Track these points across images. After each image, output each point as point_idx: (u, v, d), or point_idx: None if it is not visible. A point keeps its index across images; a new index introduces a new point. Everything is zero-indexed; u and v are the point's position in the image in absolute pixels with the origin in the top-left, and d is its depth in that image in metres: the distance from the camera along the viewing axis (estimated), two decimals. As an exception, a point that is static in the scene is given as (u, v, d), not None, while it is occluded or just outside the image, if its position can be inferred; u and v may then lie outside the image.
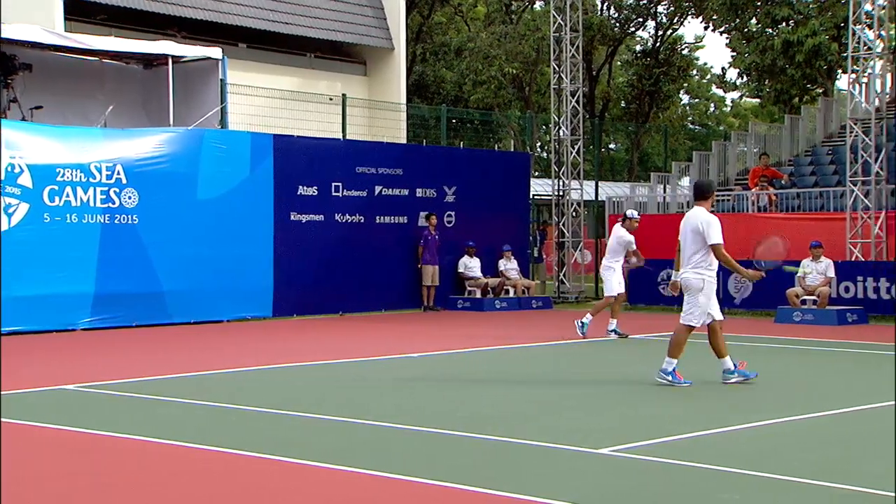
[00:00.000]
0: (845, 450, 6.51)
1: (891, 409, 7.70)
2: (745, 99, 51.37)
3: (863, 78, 18.52)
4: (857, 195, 17.96)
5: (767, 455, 6.29)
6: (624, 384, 9.74)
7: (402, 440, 6.87)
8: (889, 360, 11.42)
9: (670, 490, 5.44)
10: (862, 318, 16.40)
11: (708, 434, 6.92)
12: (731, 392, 9.10)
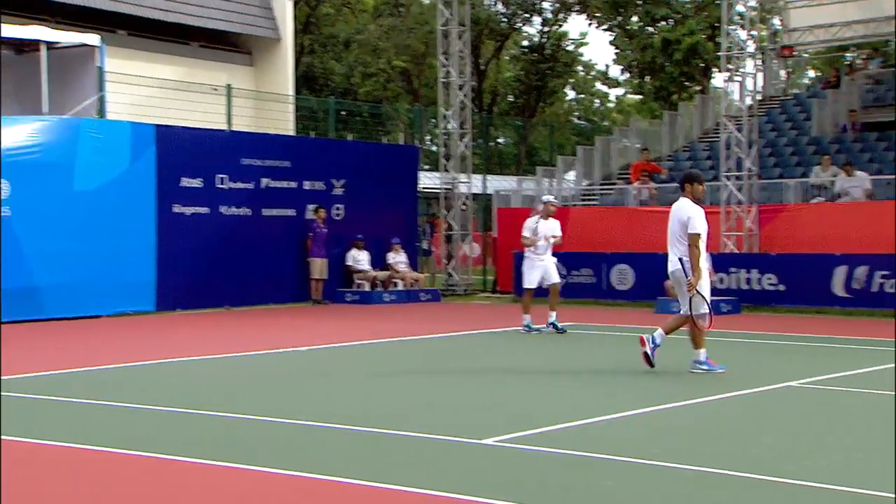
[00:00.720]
0: (717, 435, 6.76)
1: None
2: (628, 95, 52.70)
3: (736, 76, 19.26)
4: (731, 189, 18.67)
5: (644, 442, 6.50)
6: (511, 375, 9.89)
7: (285, 434, 6.81)
8: (756, 348, 11.96)
9: (550, 479, 5.55)
10: (735, 308, 17.06)
11: (589, 423, 7.09)
12: (612, 382, 9.35)
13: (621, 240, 20.00)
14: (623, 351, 12.01)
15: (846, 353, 11.53)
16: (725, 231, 18.76)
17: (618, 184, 23.20)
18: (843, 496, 5.09)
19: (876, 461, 5.83)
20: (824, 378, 9.16)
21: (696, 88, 32.86)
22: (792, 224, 18.53)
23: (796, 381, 8.91)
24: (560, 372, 10.08)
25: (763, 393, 8.37)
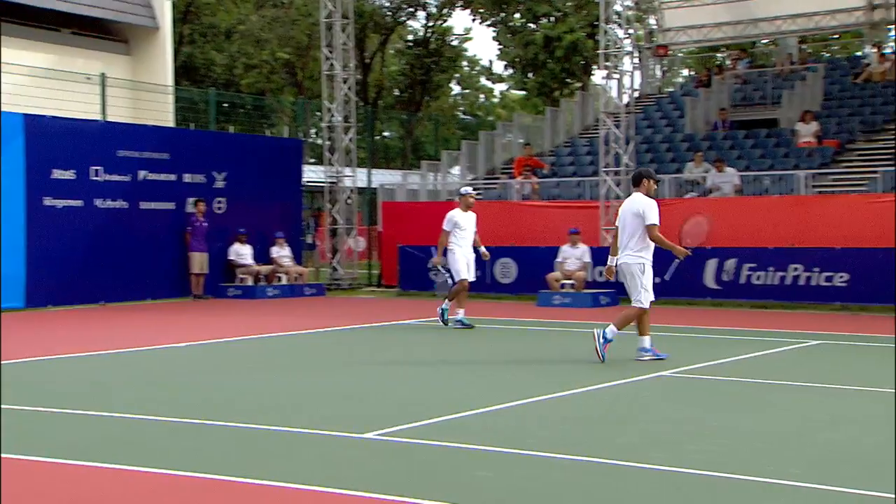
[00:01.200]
0: (591, 424, 6.95)
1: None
2: (511, 91, 53.42)
3: (614, 74, 19.78)
4: (610, 184, 19.17)
5: (522, 432, 6.63)
6: (396, 368, 9.91)
7: (157, 432, 6.66)
8: (631, 339, 12.33)
9: (430, 470, 5.61)
10: (614, 301, 17.53)
11: (469, 415, 7.18)
12: (495, 374, 9.49)
13: (504, 234, 20.27)
14: (506, 343, 12.22)
15: (716, 342, 12.02)
16: (604, 225, 19.24)
17: (501, 178, 23.51)
18: (712, 481, 5.30)
19: (743, 447, 6.11)
20: (695, 367, 9.52)
21: (577, 85, 33.57)
22: (667, 218, 18.95)
23: (668, 370, 9.23)
24: (445, 365, 10.17)
25: (636, 383, 8.64)
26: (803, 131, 20.70)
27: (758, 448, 6.04)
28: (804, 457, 5.84)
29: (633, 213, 9.58)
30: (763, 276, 16.89)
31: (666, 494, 5.07)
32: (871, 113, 21.78)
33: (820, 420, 7.01)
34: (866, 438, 6.35)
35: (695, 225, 10.33)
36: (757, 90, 24.84)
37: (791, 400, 7.92)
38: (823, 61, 27.06)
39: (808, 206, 17.76)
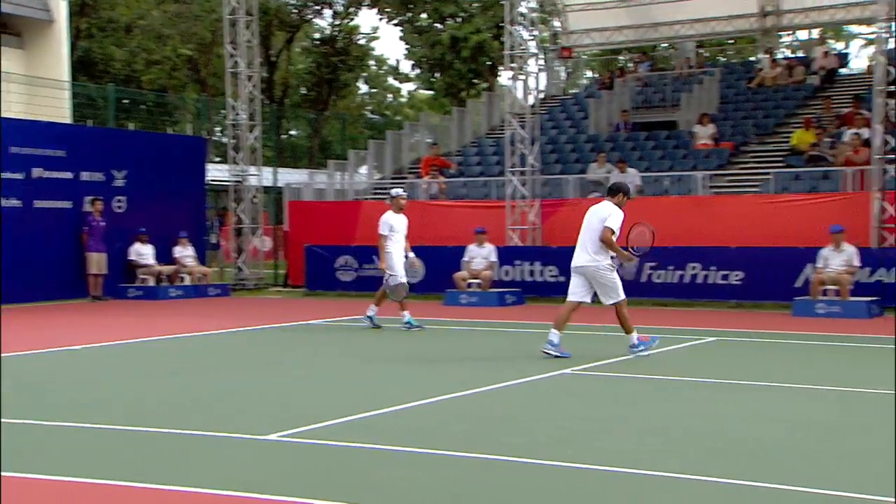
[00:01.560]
0: (497, 422, 7.01)
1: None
2: (419, 91, 53.52)
3: (520, 75, 20.01)
4: (515, 184, 19.39)
5: (428, 432, 6.65)
6: (302, 369, 9.83)
7: (59, 437, 6.45)
8: (539, 338, 12.51)
9: (332, 471, 5.58)
10: (520, 300, 17.76)
11: (374, 414, 7.16)
12: (398, 372, 9.50)
13: (411, 233, 20.24)
14: (413, 343, 12.23)
15: (618, 340, 12.23)
16: (510, 225, 19.46)
17: (408, 178, 23.53)
18: (613, 476, 5.40)
19: (642, 442, 6.25)
20: (597, 364, 9.70)
21: (483, 85, 33.83)
22: (571, 218, 19.37)
23: (570, 368, 9.38)
24: (351, 365, 10.13)
25: (539, 381, 8.76)
26: (701, 133, 21.31)
27: (656, 443, 6.20)
28: (702, 451, 6.01)
29: (599, 217, 10.10)
30: (663, 275, 17.31)
31: (567, 490, 5.15)
32: (764, 116, 22.56)
33: (716, 415, 7.23)
34: (759, 432, 6.57)
35: (639, 235, 10.69)
36: (657, 93, 25.46)
37: (688, 395, 8.15)
38: (720, 65, 27.90)
39: (705, 206, 18.29)
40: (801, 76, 23.97)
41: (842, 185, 17.50)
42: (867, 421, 6.98)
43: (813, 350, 11.20)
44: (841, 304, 14.56)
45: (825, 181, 17.95)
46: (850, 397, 7.97)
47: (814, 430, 6.65)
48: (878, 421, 6.90)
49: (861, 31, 36.91)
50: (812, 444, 6.21)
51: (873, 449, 5.99)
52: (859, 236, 15.86)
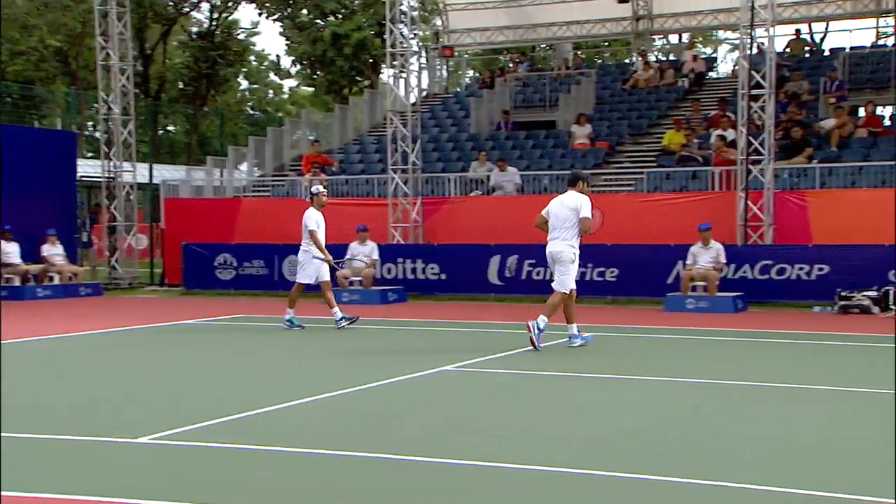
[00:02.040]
0: (378, 420, 7.03)
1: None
2: (301, 87, 52.98)
3: (402, 73, 20.06)
4: (398, 182, 19.43)
5: (306, 431, 6.61)
6: (176, 370, 9.59)
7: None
8: (419, 335, 12.58)
9: (206, 474, 5.48)
10: (402, 297, 17.80)
11: (251, 415, 7.06)
12: (277, 372, 9.39)
13: (292, 231, 20.06)
14: (293, 342, 12.11)
15: (498, 337, 12.44)
16: (392, 223, 19.49)
17: (289, 175, 23.27)
18: (489, 472, 5.49)
19: (520, 437, 6.37)
20: (477, 361, 9.82)
21: (366, 83, 33.75)
22: (452, 216, 19.65)
23: (451, 365, 9.47)
24: (229, 365, 9.95)
25: (420, 378, 8.82)
26: (578, 133, 21.82)
27: (533, 438, 6.33)
28: (576, 444, 6.16)
29: (570, 208, 10.63)
30: (543, 272, 17.63)
31: (441, 487, 5.21)
32: (638, 117, 23.27)
33: (592, 408, 7.43)
34: (633, 424, 6.79)
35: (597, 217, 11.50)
36: (536, 93, 25.93)
37: (565, 390, 8.34)
38: (596, 67, 28.61)
39: (582, 204, 18.71)
40: (671, 79, 24.83)
41: (710, 184, 18.21)
42: (743, 411, 7.29)
43: (682, 344, 11.62)
44: (709, 299, 15.16)
45: (694, 181, 18.64)
46: (721, 389, 8.32)
47: (680, 421, 6.90)
48: (751, 410, 7.24)
49: (728, 37, 38.48)
50: (679, 435, 6.45)
51: (747, 438, 6.28)
52: (726, 234, 16.56)
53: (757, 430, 6.46)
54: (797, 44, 26.19)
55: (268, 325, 13.37)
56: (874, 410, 7.18)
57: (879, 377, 8.75)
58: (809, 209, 16.61)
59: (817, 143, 18.88)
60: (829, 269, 15.48)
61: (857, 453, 5.78)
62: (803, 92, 21.38)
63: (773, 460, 5.62)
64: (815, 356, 10.60)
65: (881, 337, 11.66)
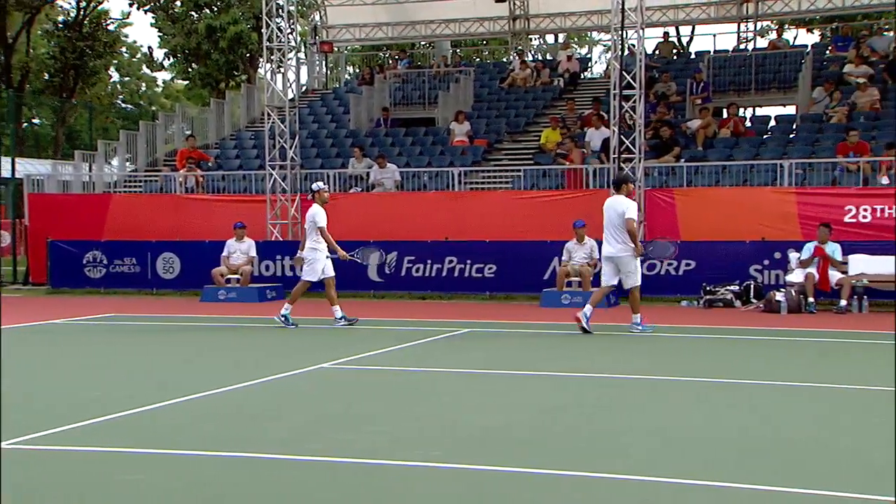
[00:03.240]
0: (252, 419, 6.92)
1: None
2: (176, 81, 51.60)
3: (279, 68, 19.80)
4: (276, 178, 19.18)
5: (179, 431, 6.45)
6: (42, 371, 9.20)
7: None
8: (296, 333, 12.46)
9: (69, 478, 5.28)
10: (280, 294, 17.56)
11: (122, 416, 6.84)
12: (150, 372, 9.13)
13: (167, 228, 19.59)
14: (167, 341, 11.81)
15: (376, 334, 12.44)
16: (271, 220, 19.23)
17: (163, 170, 22.67)
18: (364, 469, 5.49)
19: (396, 434, 6.38)
20: (354, 358, 9.79)
21: (243, 77, 33.15)
22: (331, 213, 19.40)
23: (328, 363, 9.42)
24: (99, 366, 9.61)
25: (296, 376, 8.73)
26: (457, 130, 22.01)
27: (411, 434, 6.36)
28: (450, 439, 6.22)
29: (616, 212, 11.61)
30: (422, 269, 17.75)
31: (318, 485, 5.18)
32: (516, 115, 23.65)
33: (470, 403, 7.51)
34: (510, 419, 6.90)
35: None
36: (416, 90, 26.01)
37: (443, 386, 8.41)
38: (474, 65, 28.92)
39: (461, 201, 18.92)
40: (547, 78, 25.32)
41: (584, 182, 18.66)
42: (619, 403, 7.51)
43: (558, 339, 11.88)
44: (584, 294, 15.49)
45: (569, 178, 19.06)
46: (598, 382, 8.54)
47: (559, 414, 7.06)
48: (627, 402, 7.47)
49: (601, 38, 39.53)
50: (557, 428, 6.60)
51: (622, 429, 6.47)
52: (600, 231, 16.97)
53: (633, 421, 6.67)
54: (665, 46, 27.12)
55: (140, 325, 12.98)
56: (742, 399, 7.52)
57: (740, 369, 9.18)
58: (677, 206, 17.23)
59: (685, 142, 19.61)
60: (696, 265, 16.10)
61: (731, 442, 6.03)
62: (671, 93, 22.17)
63: (650, 450, 5.82)
64: (681, 349, 11.01)
65: (742, 329, 12.21)
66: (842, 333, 11.80)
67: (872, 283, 14.52)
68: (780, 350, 10.58)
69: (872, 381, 8.16)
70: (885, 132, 18.30)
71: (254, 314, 14.64)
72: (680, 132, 19.94)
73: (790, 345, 10.95)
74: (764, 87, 22.85)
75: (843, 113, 19.50)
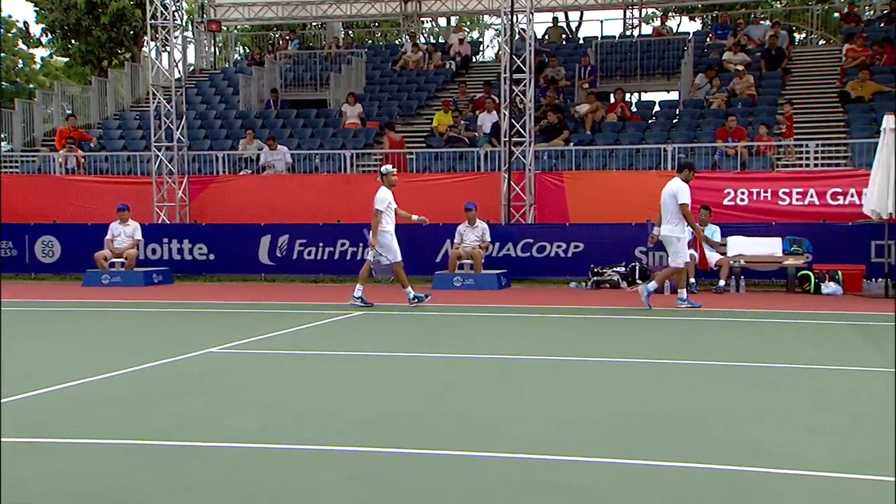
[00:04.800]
0: (137, 405, 6.76)
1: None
2: (55, 57, 49.55)
3: (165, 47, 19.28)
4: (162, 160, 18.71)
5: (62, 418, 6.26)
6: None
7: None
8: (184, 317, 12.22)
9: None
10: (168, 279, 17.21)
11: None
12: (30, 358, 8.81)
13: (46, 210, 18.91)
14: (49, 326, 11.41)
15: (267, 317, 12.32)
16: (157, 202, 18.78)
17: (42, 150, 21.84)
18: (255, 453, 5.44)
19: (286, 418, 6.34)
20: (245, 342, 9.68)
21: (127, 55, 32.10)
22: (221, 195, 19.19)
23: (217, 347, 9.28)
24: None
25: (184, 360, 8.58)
26: (349, 113, 21.89)
27: (302, 418, 6.33)
28: (339, 422, 6.21)
29: (671, 195, 12.12)
30: (314, 252, 17.62)
31: (207, 471, 5.11)
32: (408, 98, 23.65)
33: (361, 386, 7.51)
34: (399, 401, 6.95)
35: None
36: (307, 71, 25.74)
37: (334, 369, 8.38)
38: (366, 47, 28.77)
39: (354, 184, 18.86)
40: (439, 61, 25.40)
41: (476, 165, 18.84)
42: (506, 384, 7.63)
43: (446, 321, 11.99)
44: (475, 276, 15.72)
45: (461, 161, 19.23)
46: (485, 363, 8.66)
47: (444, 395, 7.14)
48: (514, 383, 7.60)
49: (493, 22, 39.83)
50: (438, 408, 6.68)
51: (508, 410, 6.58)
52: (491, 213, 17.22)
53: (517, 402, 6.80)
54: (555, 31, 27.56)
55: (18, 311, 12.49)
56: (628, 377, 7.75)
57: (627, 348, 9.46)
58: (566, 190, 17.59)
59: (573, 126, 19.99)
60: (584, 247, 16.47)
61: (615, 419, 6.22)
62: (560, 77, 22.55)
63: (531, 430, 5.95)
64: (571, 329, 11.27)
65: (626, 310, 12.57)
66: (719, 312, 12.28)
67: (749, 264, 15.15)
68: (658, 329, 10.93)
69: (747, 358, 8.53)
70: (760, 118, 19.05)
71: (140, 298, 14.29)
72: (569, 116, 20.32)
73: (670, 324, 11.33)
74: (649, 73, 23.49)
75: (722, 99, 20.20)
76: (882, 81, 19.71)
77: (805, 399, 6.79)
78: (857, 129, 18.06)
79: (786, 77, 21.93)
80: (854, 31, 22.77)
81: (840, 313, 11.96)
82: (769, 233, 15.37)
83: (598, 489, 4.63)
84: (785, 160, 18.04)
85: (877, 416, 6.12)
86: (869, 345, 9.39)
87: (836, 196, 16.27)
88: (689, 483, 4.74)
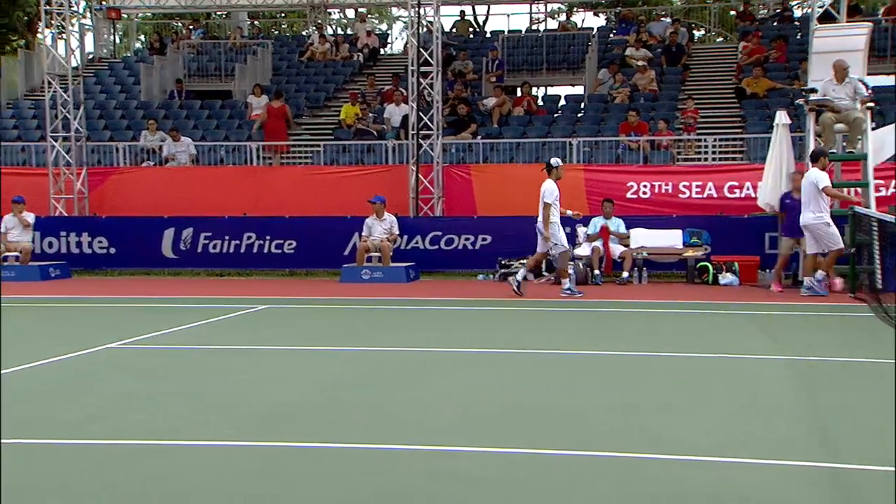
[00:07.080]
0: (34, 403, 6.55)
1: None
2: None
3: (61, 34, 18.69)
4: (59, 151, 18.14)
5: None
6: None
7: None
8: (84, 312, 11.89)
9: None
10: (65, 273, 16.70)
11: None
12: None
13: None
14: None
15: (170, 311, 12.06)
16: (54, 194, 18.22)
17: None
18: (154, 450, 5.33)
19: (185, 412, 6.23)
20: (145, 337, 9.46)
21: (21, 42, 30.99)
22: (122, 187, 18.71)
23: (116, 342, 9.05)
24: None
25: (83, 356, 8.34)
26: (255, 104, 21.57)
27: (201, 413, 6.22)
28: (241, 417, 6.13)
29: (811, 182, 12.47)
30: (219, 245, 17.33)
31: (104, 469, 4.98)
32: (315, 90, 23.45)
33: (262, 380, 7.42)
34: (301, 395, 6.89)
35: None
36: (212, 61, 25.27)
37: (236, 364, 8.26)
38: (272, 38, 28.39)
39: (260, 176, 18.63)
40: (347, 53, 25.24)
41: (384, 158, 18.81)
42: (412, 376, 7.64)
43: (353, 314, 11.95)
44: (383, 269, 15.69)
45: (370, 154, 19.16)
46: (391, 356, 8.66)
47: (348, 389, 7.12)
48: (419, 375, 7.62)
49: (401, 15, 39.77)
50: (345, 402, 6.65)
51: (410, 401, 6.60)
52: (400, 206, 17.21)
53: (421, 394, 6.83)
54: (462, 25, 27.68)
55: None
56: (532, 369, 7.85)
57: (533, 339, 9.58)
58: (474, 182, 17.70)
59: (481, 120, 20.13)
60: (492, 240, 16.60)
61: (515, 410, 6.29)
62: (468, 71, 22.67)
63: (432, 421, 5.97)
64: (479, 321, 11.36)
65: (532, 301, 12.73)
66: (621, 303, 12.54)
67: (651, 256, 15.51)
68: (560, 320, 11.10)
69: (645, 348, 8.74)
70: (661, 113, 19.51)
71: (36, 294, 13.83)
72: (476, 110, 20.44)
73: (575, 316, 11.51)
74: (554, 67, 23.80)
75: (625, 94, 20.62)
76: (775, 78, 20.41)
77: (701, 387, 6.99)
78: (753, 125, 18.66)
79: (685, 73, 22.50)
80: (749, 29, 23.50)
81: (736, 303, 12.35)
82: (670, 225, 15.76)
83: (496, 478, 4.68)
84: (685, 154, 18.52)
85: (769, 403, 6.34)
86: (762, 333, 9.73)
87: (732, 189, 16.78)
88: (587, 470, 4.83)
